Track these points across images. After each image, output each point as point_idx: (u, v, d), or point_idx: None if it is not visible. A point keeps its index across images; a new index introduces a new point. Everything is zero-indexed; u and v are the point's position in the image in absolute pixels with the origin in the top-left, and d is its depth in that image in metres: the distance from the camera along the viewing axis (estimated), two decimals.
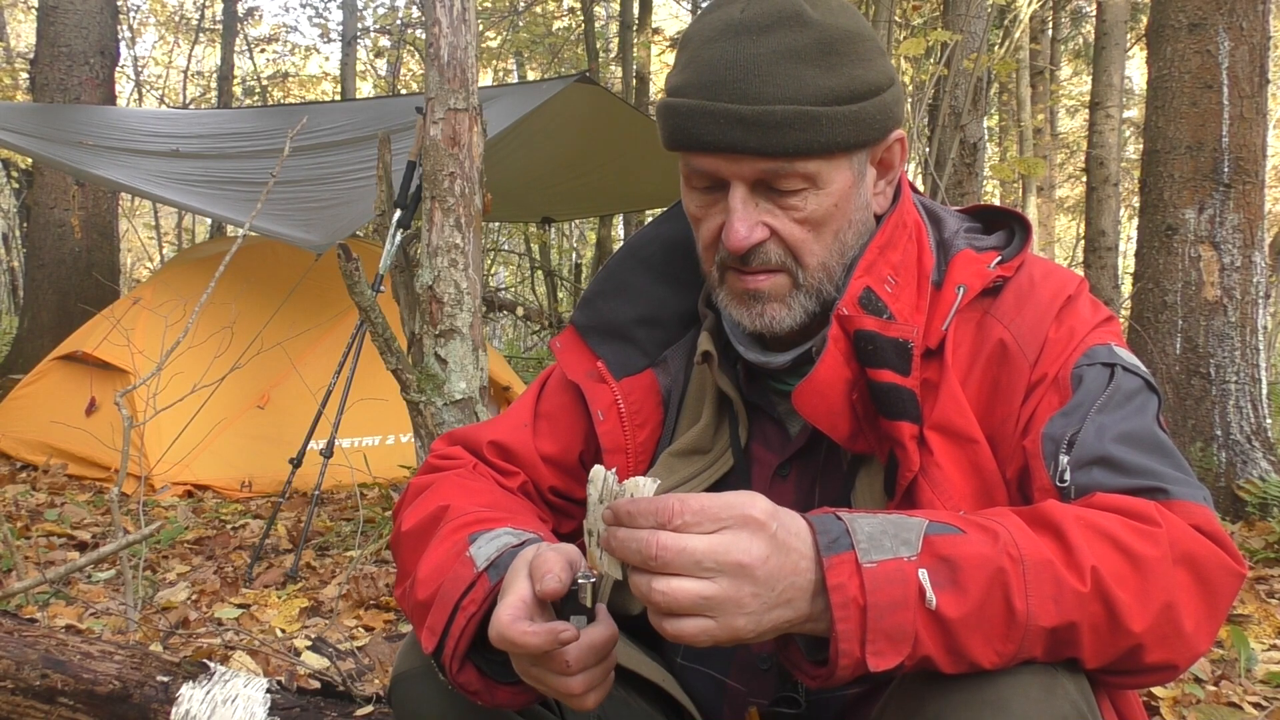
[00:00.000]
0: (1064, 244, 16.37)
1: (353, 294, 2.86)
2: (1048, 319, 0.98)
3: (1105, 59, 8.51)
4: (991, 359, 0.99)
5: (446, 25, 3.13)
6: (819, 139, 0.93)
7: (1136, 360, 0.98)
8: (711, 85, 0.93)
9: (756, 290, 0.99)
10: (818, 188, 0.96)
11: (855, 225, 1.01)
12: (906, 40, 5.30)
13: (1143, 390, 0.96)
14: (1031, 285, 1.01)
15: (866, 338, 0.96)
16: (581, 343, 1.15)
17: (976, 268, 1.01)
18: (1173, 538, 0.83)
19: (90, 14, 6.94)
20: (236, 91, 13.48)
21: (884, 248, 1.00)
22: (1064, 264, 13.82)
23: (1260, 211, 3.82)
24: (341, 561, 3.37)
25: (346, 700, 1.64)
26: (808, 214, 0.97)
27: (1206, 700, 2.18)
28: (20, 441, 4.86)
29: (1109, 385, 0.94)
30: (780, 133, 0.92)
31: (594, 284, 1.16)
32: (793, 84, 0.92)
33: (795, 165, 0.94)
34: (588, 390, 1.12)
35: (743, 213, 0.96)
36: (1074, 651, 0.80)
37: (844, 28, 0.95)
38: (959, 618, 0.77)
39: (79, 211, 6.85)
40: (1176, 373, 3.80)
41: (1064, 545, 0.80)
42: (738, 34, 0.94)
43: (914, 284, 1.01)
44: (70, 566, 2.16)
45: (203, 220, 13.53)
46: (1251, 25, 3.77)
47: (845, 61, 0.94)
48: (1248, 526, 3.53)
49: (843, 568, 0.77)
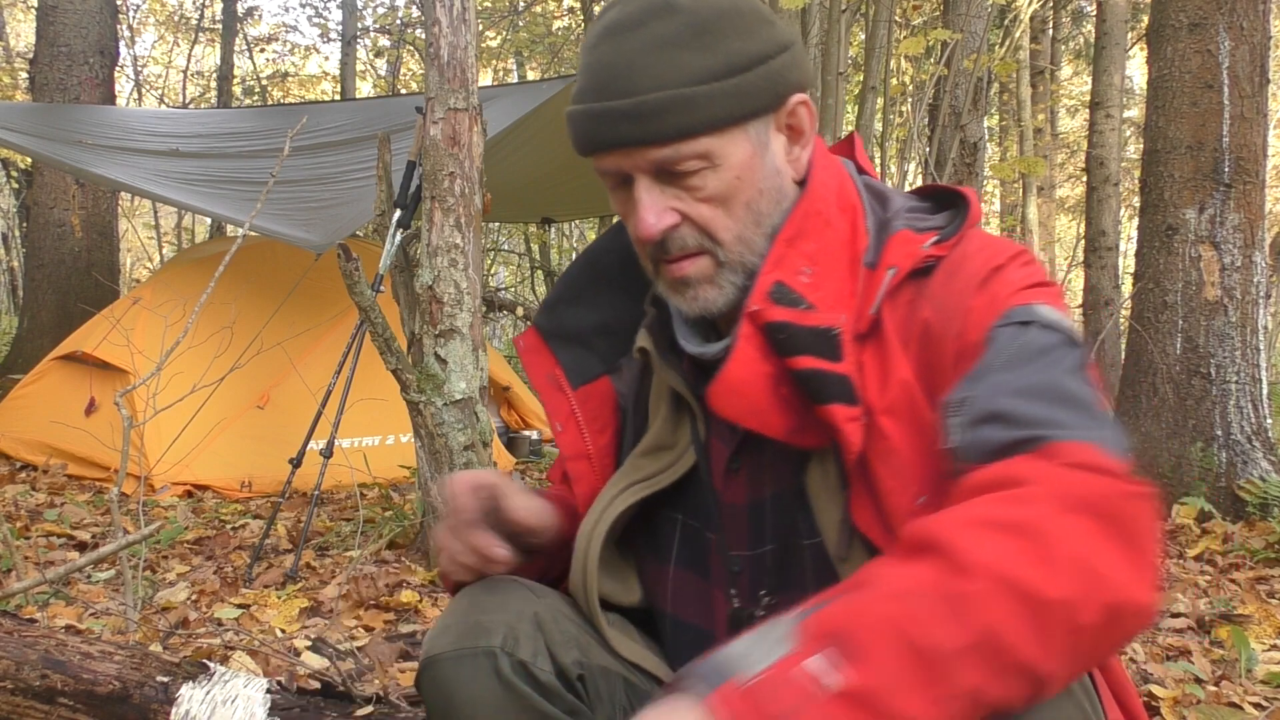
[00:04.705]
0: (1064, 244, 16.37)
1: (353, 294, 2.85)
2: (971, 289, 0.94)
3: (1105, 59, 8.52)
4: (920, 341, 0.95)
5: (446, 25, 3.13)
6: (699, 117, 0.94)
7: (1060, 317, 0.92)
8: (595, 88, 0.96)
9: (684, 276, 1.00)
10: (715, 165, 0.96)
11: (768, 193, 1.00)
12: (906, 40, 5.30)
13: (1059, 345, 0.89)
14: (962, 260, 0.97)
15: (777, 328, 0.95)
16: (543, 345, 1.17)
17: (910, 248, 0.99)
18: (1052, 489, 0.76)
19: (90, 14, 6.94)
20: (236, 91, 13.48)
21: (792, 240, 0.99)
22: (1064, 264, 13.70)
23: (1261, 211, 3.82)
24: (341, 561, 3.37)
25: (346, 700, 1.64)
26: (711, 191, 0.97)
27: (1207, 700, 2.18)
28: (20, 441, 4.86)
29: (1018, 342, 0.89)
30: (660, 119, 0.94)
31: (556, 289, 1.18)
32: (667, 70, 0.94)
33: (685, 147, 0.95)
34: (546, 401, 1.15)
35: (648, 202, 0.97)
36: (1019, 655, 0.71)
37: (717, 6, 0.96)
38: (868, 684, 0.70)
39: (79, 211, 6.86)
40: (1177, 373, 3.80)
41: (940, 557, 0.73)
42: (614, 34, 0.96)
43: (843, 269, 1.00)
44: (70, 567, 2.15)
45: (202, 220, 13.53)
46: (1252, 25, 3.77)
47: (721, 39, 0.95)
48: (1248, 526, 3.53)
49: (727, 702, 0.72)
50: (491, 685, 1.02)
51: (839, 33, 5.07)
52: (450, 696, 1.04)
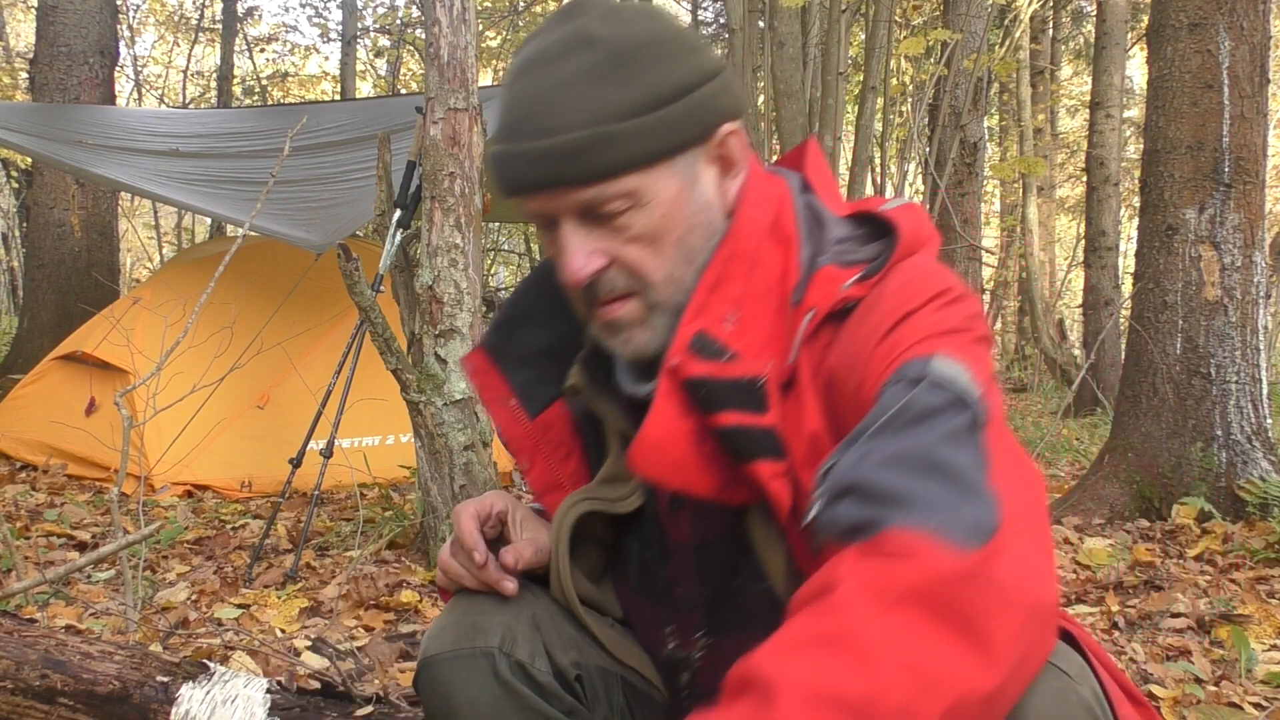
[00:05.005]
0: (1064, 244, 16.37)
1: (353, 294, 2.85)
2: (875, 338, 0.87)
3: (1106, 59, 8.52)
4: (826, 391, 0.90)
5: (446, 25, 3.13)
6: (623, 155, 0.89)
7: (956, 373, 0.82)
8: (514, 127, 0.91)
9: (614, 320, 0.95)
10: (642, 203, 0.91)
11: (699, 229, 0.95)
12: (906, 40, 5.30)
13: (944, 407, 0.79)
14: (877, 301, 0.90)
15: (697, 384, 0.90)
16: (493, 366, 1.12)
17: (829, 288, 0.92)
18: (870, 588, 0.70)
19: (90, 13, 6.94)
20: (236, 91, 13.48)
21: (715, 285, 0.93)
22: (1063, 264, 13.63)
23: (1261, 211, 3.82)
24: (341, 561, 3.37)
25: (346, 700, 1.64)
26: (638, 231, 0.92)
27: (1207, 700, 2.18)
28: (20, 441, 4.86)
29: (900, 404, 0.80)
30: (580, 159, 0.88)
31: (505, 308, 1.13)
32: (586, 106, 0.88)
33: (609, 187, 0.90)
34: (507, 436, 1.11)
35: (574, 246, 0.92)
36: None
37: (638, 36, 0.90)
38: None
39: (79, 211, 6.86)
40: (1177, 373, 3.80)
41: (753, 693, 0.68)
42: (532, 69, 0.91)
43: (771, 310, 0.94)
44: (70, 566, 2.15)
45: (202, 220, 13.53)
46: (1252, 25, 3.77)
47: (643, 70, 0.89)
48: (1248, 526, 3.53)
49: None
50: (490, 686, 1.02)
51: (839, 33, 5.07)
52: (449, 697, 1.04)
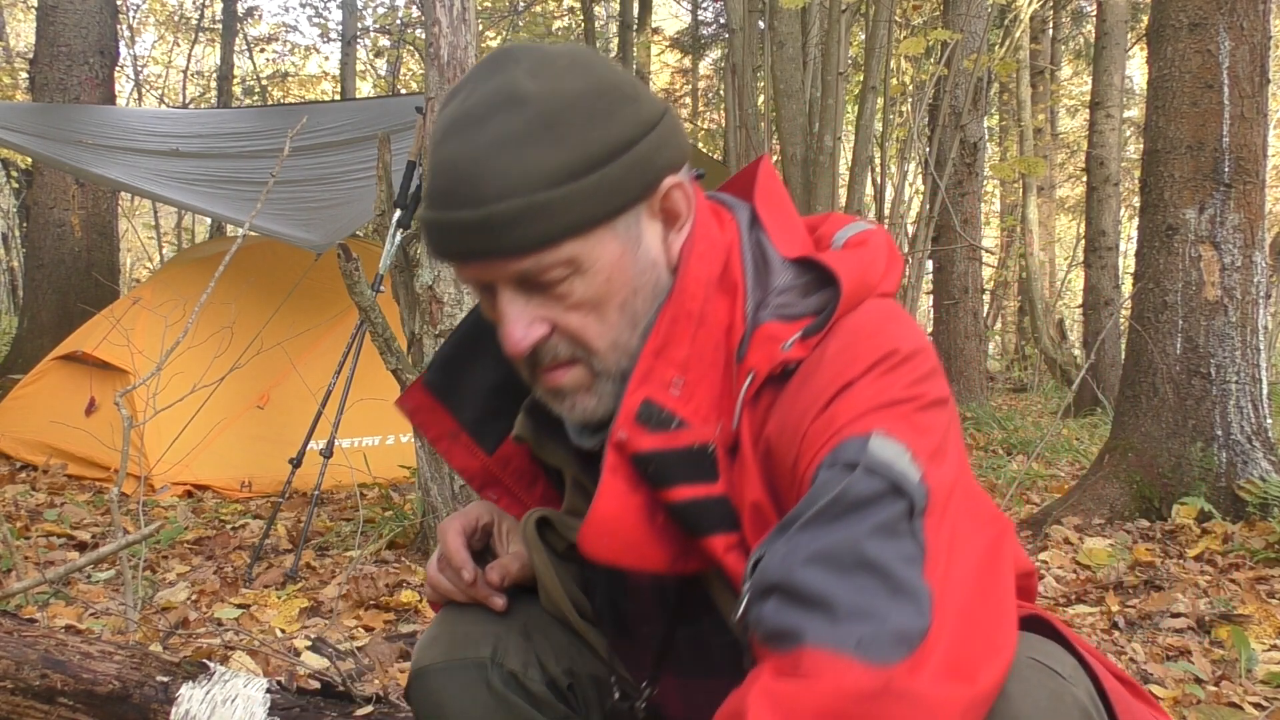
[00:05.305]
0: (1064, 244, 16.37)
1: (353, 294, 2.85)
2: (813, 410, 0.82)
3: (1106, 59, 8.53)
4: (764, 460, 0.86)
5: (446, 25, 3.13)
6: (558, 224, 0.83)
7: (897, 453, 0.78)
8: (443, 193, 0.85)
9: (559, 387, 0.91)
10: (581, 270, 0.86)
11: (644, 290, 0.90)
12: (906, 40, 5.30)
13: (878, 497, 0.76)
14: (817, 365, 0.84)
15: (644, 460, 0.86)
16: (437, 404, 1.08)
17: (769, 349, 0.86)
18: (776, 713, 0.69)
19: (90, 13, 6.94)
20: (236, 91, 13.48)
21: (660, 350, 0.88)
22: (1063, 264, 13.56)
23: (1261, 211, 3.82)
24: (341, 561, 3.37)
25: (346, 700, 1.64)
26: (580, 298, 0.87)
27: (1207, 700, 2.18)
28: (20, 441, 4.86)
29: (833, 492, 0.76)
30: (513, 231, 0.83)
31: (448, 346, 1.08)
32: (517, 172, 0.82)
33: (546, 256, 0.84)
34: (467, 476, 1.09)
35: (513, 315, 0.88)
36: None
37: (570, 91, 0.84)
38: None
39: (79, 211, 6.86)
40: (1177, 373, 3.80)
41: None
42: (459, 130, 0.85)
43: (718, 369, 0.89)
44: (70, 566, 2.15)
45: (202, 220, 13.54)
46: (1252, 25, 3.77)
47: (575, 130, 0.83)
48: (1248, 526, 3.53)
49: None
50: (482, 697, 1.02)
51: (839, 33, 5.07)
52: (441, 707, 1.04)
